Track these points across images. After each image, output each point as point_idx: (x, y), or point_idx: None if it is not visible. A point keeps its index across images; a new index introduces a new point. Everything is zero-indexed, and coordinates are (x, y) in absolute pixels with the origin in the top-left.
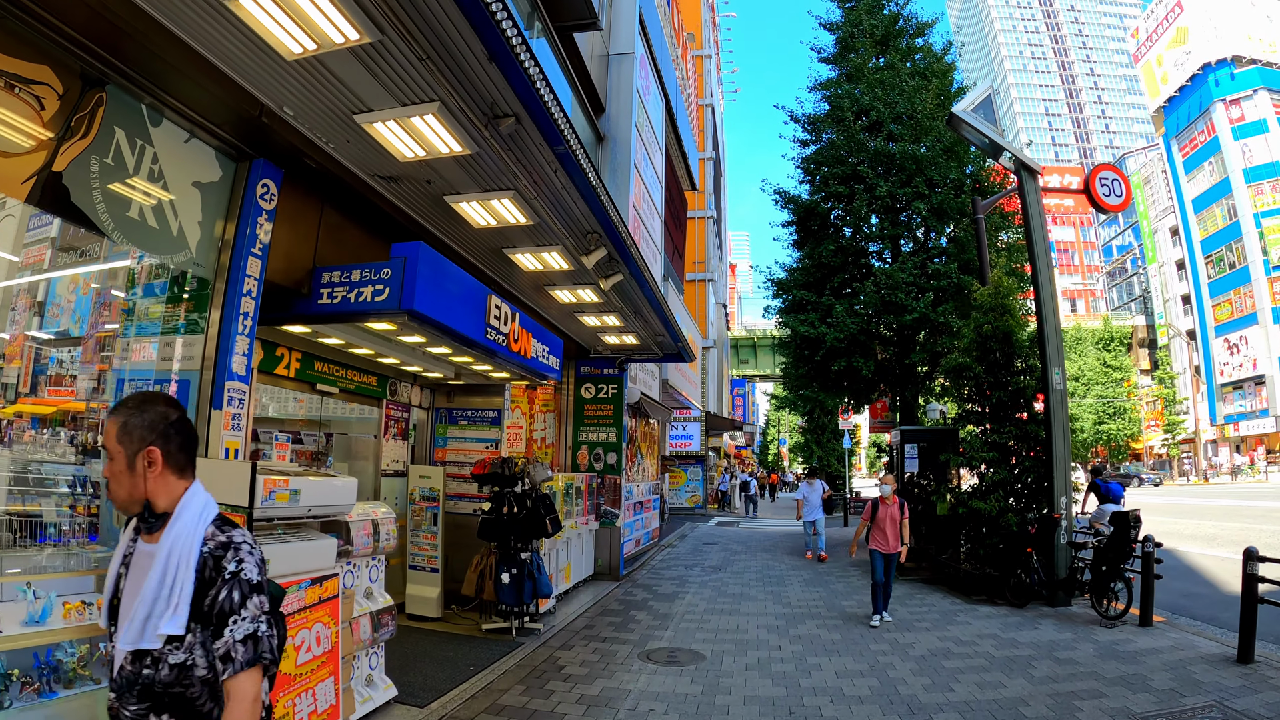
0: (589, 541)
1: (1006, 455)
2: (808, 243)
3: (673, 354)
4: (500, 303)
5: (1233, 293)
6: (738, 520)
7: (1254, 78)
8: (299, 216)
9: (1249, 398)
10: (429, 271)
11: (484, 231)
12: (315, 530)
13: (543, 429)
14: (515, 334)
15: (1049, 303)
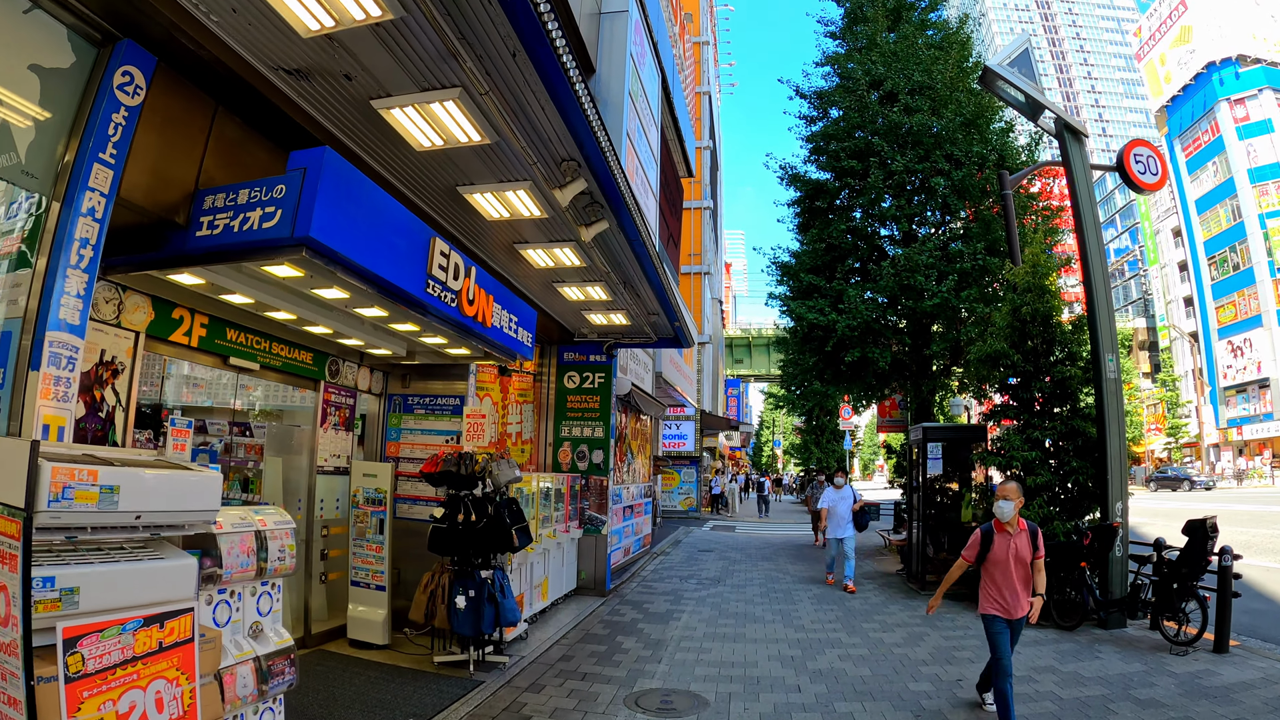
0: (571, 552)
1: (1049, 455)
2: (815, 224)
3: (669, 338)
4: (449, 250)
5: (1237, 294)
6: (734, 524)
7: (1259, 77)
8: (180, 123)
9: (1253, 401)
10: (336, 188)
11: (430, 158)
12: (174, 547)
13: (518, 422)
14: (470, 293)
15: (1099, 281)
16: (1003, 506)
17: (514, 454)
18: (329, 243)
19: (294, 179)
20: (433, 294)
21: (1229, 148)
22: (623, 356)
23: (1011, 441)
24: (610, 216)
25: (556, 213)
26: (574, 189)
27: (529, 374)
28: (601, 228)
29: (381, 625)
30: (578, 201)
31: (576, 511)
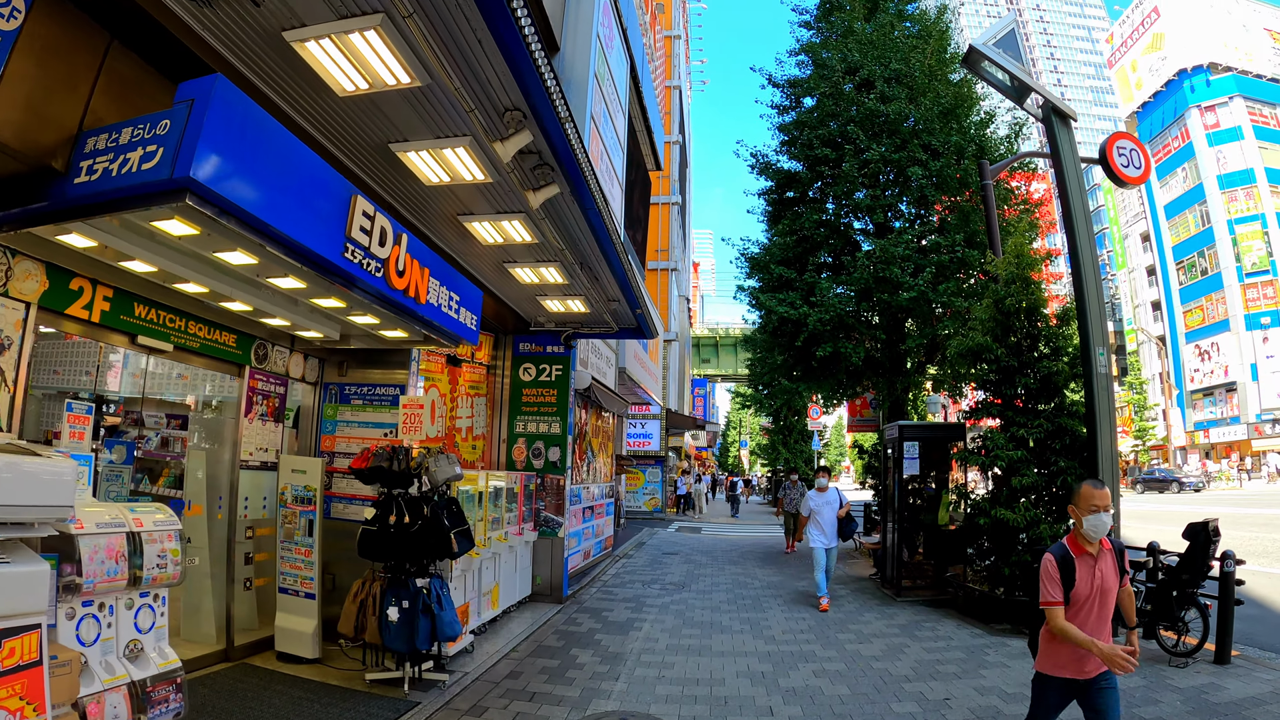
0: (525, 556)
1: (1035, 454)
2: (786, 215)
3: (631, 328)
4: (374, 211)
5: (1204, 299)
6: (700, 526)
7: (1230, 85)
8: (65, 54)
9: (1220, 404)
10: (229, 125)
11: (356, 107)
12: (29, 550)
13: (469, 416)
14: (400, 263)
15: (1089, 271)
16: (1096, 523)
17: (464, 450)
18: (218, 188)
19: (179, 112)
20: (353, 261)
21: (1199, 154)
22: (583, 349)
23: (995, 440)
24: (562, 180)
25: (501, 176)
26: (518, 141)
27: (481, 365)
28: (551, 193)
29: (311, 637)
30: (524, 161)
31: (531, 513)
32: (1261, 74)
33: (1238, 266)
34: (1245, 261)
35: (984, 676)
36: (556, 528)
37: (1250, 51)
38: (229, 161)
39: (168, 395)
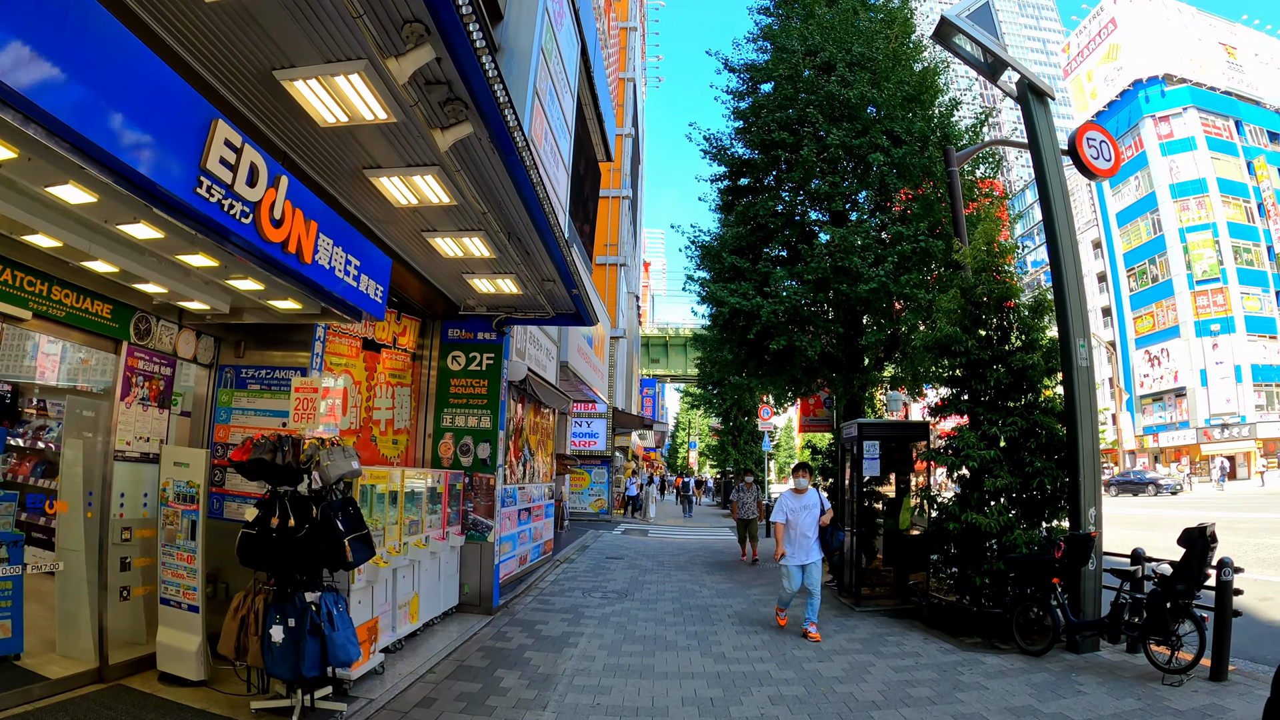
0: (450, 563)
1: (1007, 454)
2: (740, 203)
3: (568, 313)
4: (242, 143)
5: (1155, 306)
6: (647, 528)
7: (1184, 96)
8: None
9: (1169, 409)
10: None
11: (224, 13)
12: None
13: (390, 408)
14: (277, 211)
15: (1069, 257)
16: None
17: (383, 445)
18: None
19: None
20: (210, 200)
21: (1152, 163)
22: (521, 340)
23: (965, 439)
24: (475, 118)
25: (404, 112)
26: (416, 58)
27: (405, 352)
28: (463, 132)
29: (195, 656)
30: (431, 94)
31: (458, 515)
32: (1215, 86)
33: (1188, 274)
34: (1196, 269)
35: (962, 701)
36: (486, 531)
37: (1205, 64)
38: (33, 43)
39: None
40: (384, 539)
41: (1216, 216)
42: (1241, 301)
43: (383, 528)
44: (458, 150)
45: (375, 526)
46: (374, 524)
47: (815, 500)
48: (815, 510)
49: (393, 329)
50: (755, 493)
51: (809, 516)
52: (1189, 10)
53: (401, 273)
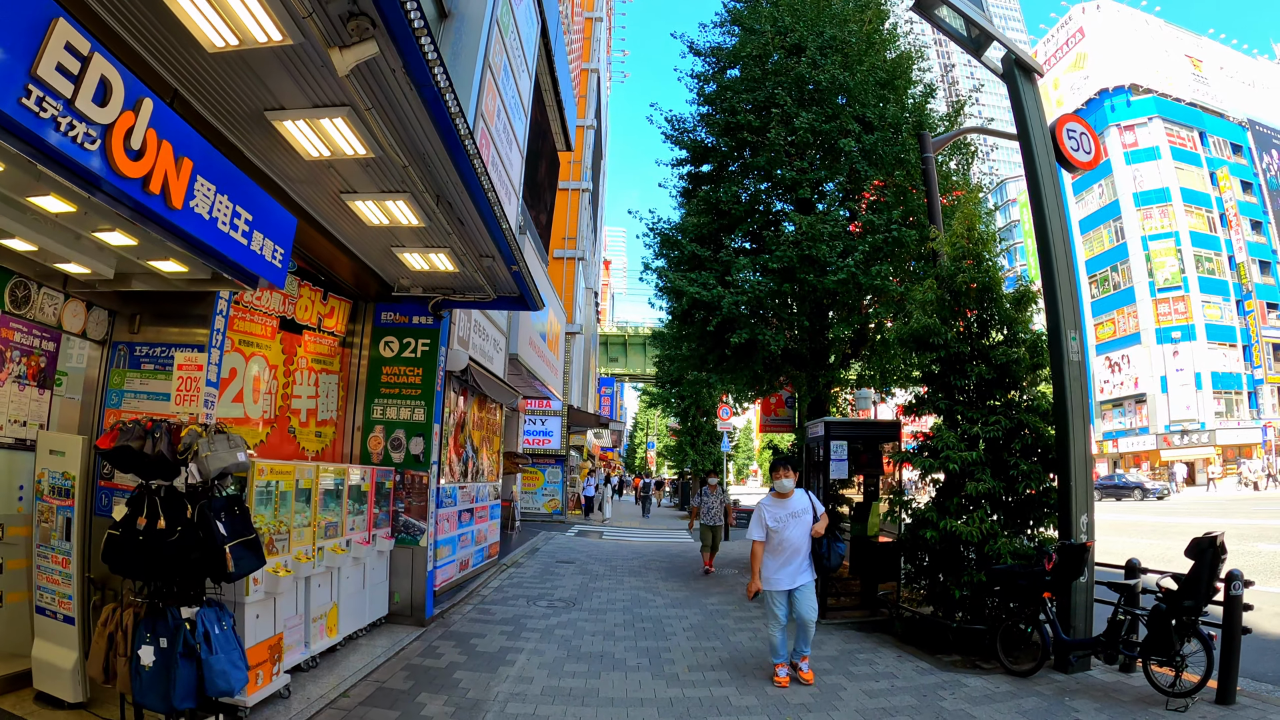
0: (378, 569)
1: (989, 455)
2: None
3: (511, 296)
4: (91, 51)
5: (1116, 312)
6: (601, 530)
7: (1150, 106)
8: None
9: (1129, 415)
10: None
11: None
12: None
13: (313, 397)
14: (136, 141)
15: (1058, 243)
16: None
17: (303, 438)
18: None
19: None
20: (42, 116)
21: (1116, 171)
22: (464, 327)
23: (944, 438)
24: (385, 38)
25: (297, 25)
26: None
27: (333, 335)
28: (367, 52)
29: (71, 675)
30: (330, 6)
31: (388, 516)
32: (1180, 97)
33: (1150, 282)
34: (1158, 277)
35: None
36: (418, 535)
37: (1170, 76)
38: None
39: None
40: (290, 543)
41: (1179, 225)
42: (1203, 310)
43: (289, 530)
44: (367, 83)
45: (280, 529)
46: (279, 526)
47: (805, 504)
48: (807, 517)
49: (318, 309)
50: (721, 496)
51: (799, 526)
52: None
53: (327, 247)
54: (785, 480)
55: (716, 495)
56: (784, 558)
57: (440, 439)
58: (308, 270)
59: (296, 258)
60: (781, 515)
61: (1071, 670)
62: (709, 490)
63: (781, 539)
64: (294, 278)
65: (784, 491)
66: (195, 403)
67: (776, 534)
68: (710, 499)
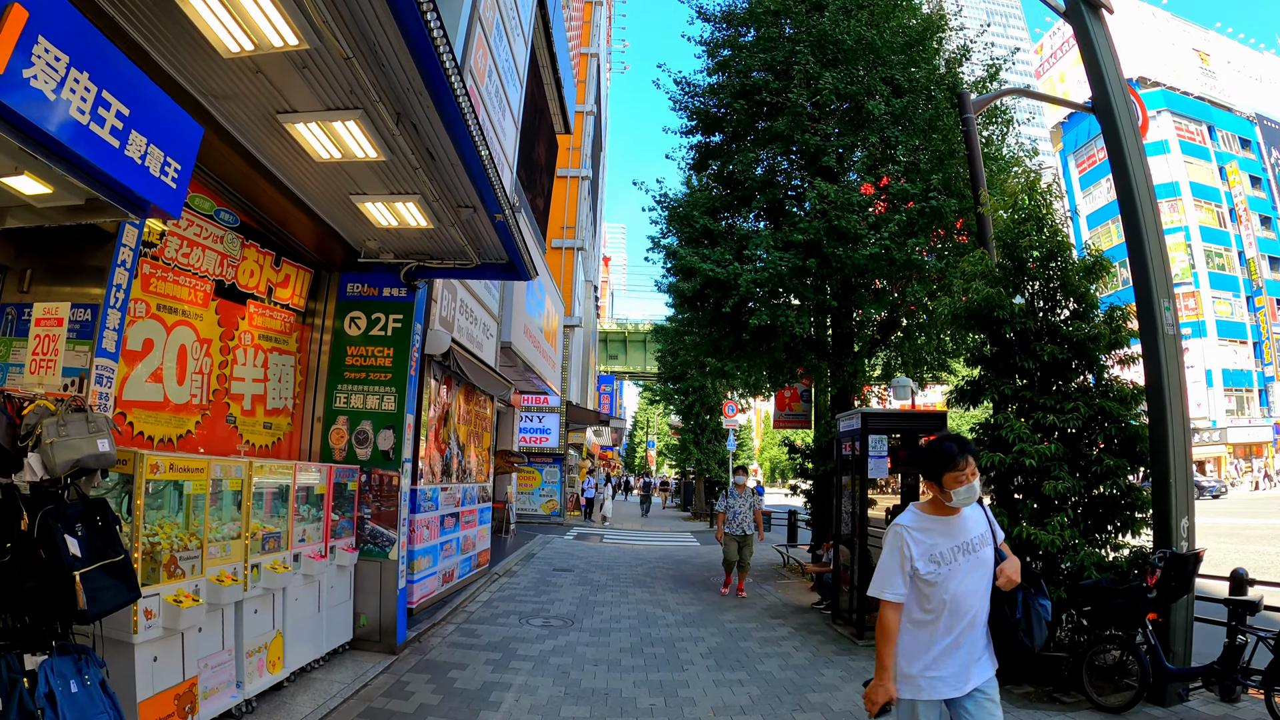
0: (340, 587)
1: (1071, 450)
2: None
3: (498, 263)
4: None
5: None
6: (602, 532)
7: (1158, 100)
8: None
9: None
10: None
11: None
12: None
13: (261, 380)
14: None
15: (1145, 200)
16: None
17: (248, 429)
18: None
19: None
20: None
21: None
22: (448, 307)
23: (1015, 429)
24: None
25: None
26: None
27: (290, 310)
28: None
29: None
30: None
31: (352, 524)
32: (1189, 91)
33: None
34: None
35: None
36: (387, 546)
37: (1178, 69)
38: None
39: None
40: (205, 562)
41: (1189, 220)
42: (1213, 306)
43: (202, 545)
44: None
45: (189, 544)
46: (187, 540)
47: (984, 528)
48: (987, 553)
49: (267, 276)
50: (752, 499)
51: (976, 571)
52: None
53: (276, 199)
54: (967, 484)
55: (745, 498)
56: (947, 634)
57: (416, 432)
58: (255, 230)
59: (239, 211)
60: (943, 550)
61: (1169, 702)
62: (736, 491)
63: (945, 596)
64: (236, 236)
65: (959, 502)
66: (52, 372)
67: (935, 588)
68: (738, 502)
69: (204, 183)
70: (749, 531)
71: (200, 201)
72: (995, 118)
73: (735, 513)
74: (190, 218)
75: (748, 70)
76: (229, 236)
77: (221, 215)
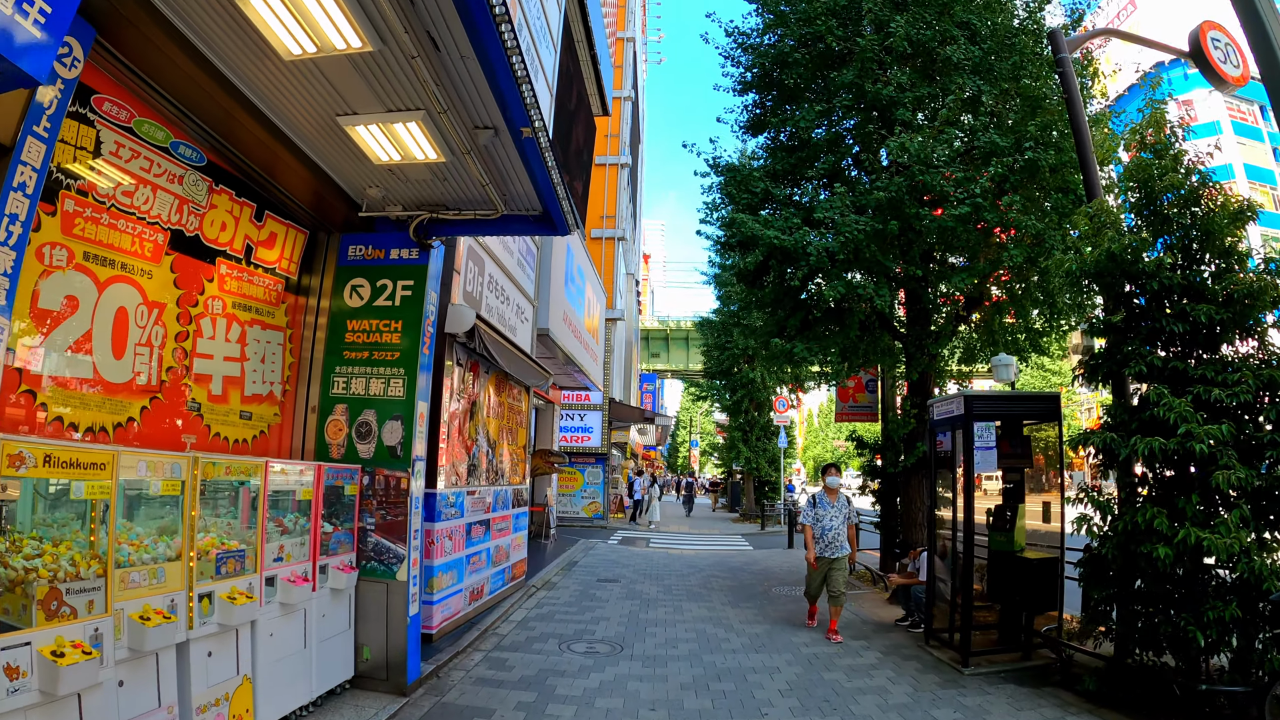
0: (336, 615)
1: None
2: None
3: (530, 214)
4: None
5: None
6: (648, 536)
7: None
8: None
9: None
10: None
11: None
12: None
13: (238, 359)
14: None
15: None
16: None
17: (216, 418)
18: None
19: None
20: None
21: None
22: (474, 281)
23: (1175, 407)
24: None
25: None
26: None
27: (273, 273)
28: None
29: None
30: None
31: (350, 536)
32: None
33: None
34: None
35: None
36: (394, 564)
37: None
38: None
39: None
40: (109, 595)
41: None
42: None
43: (106, 574)
44: None
45: (80, 571)
46: (83, 564)
47: None
48: None
49: (245, 230)
50: (846, 509)
51: None
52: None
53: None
54: None
55: (839, 507)
56: None
57: (433, 425)
58: (230, 174)
59: (206, 148)
60: None
61: None
62: (826, 498)
63: None
64: (202, 178)
65: None
66: None
67: None
68: (830, 513)
69: (156, 106)
70: (843, 551)
71: (150, 129)
72: (1082, 71)
73: (825, 528)
74: (135, 147)
75: (809, 17)
76: (192, 178)
77: (181, 150)
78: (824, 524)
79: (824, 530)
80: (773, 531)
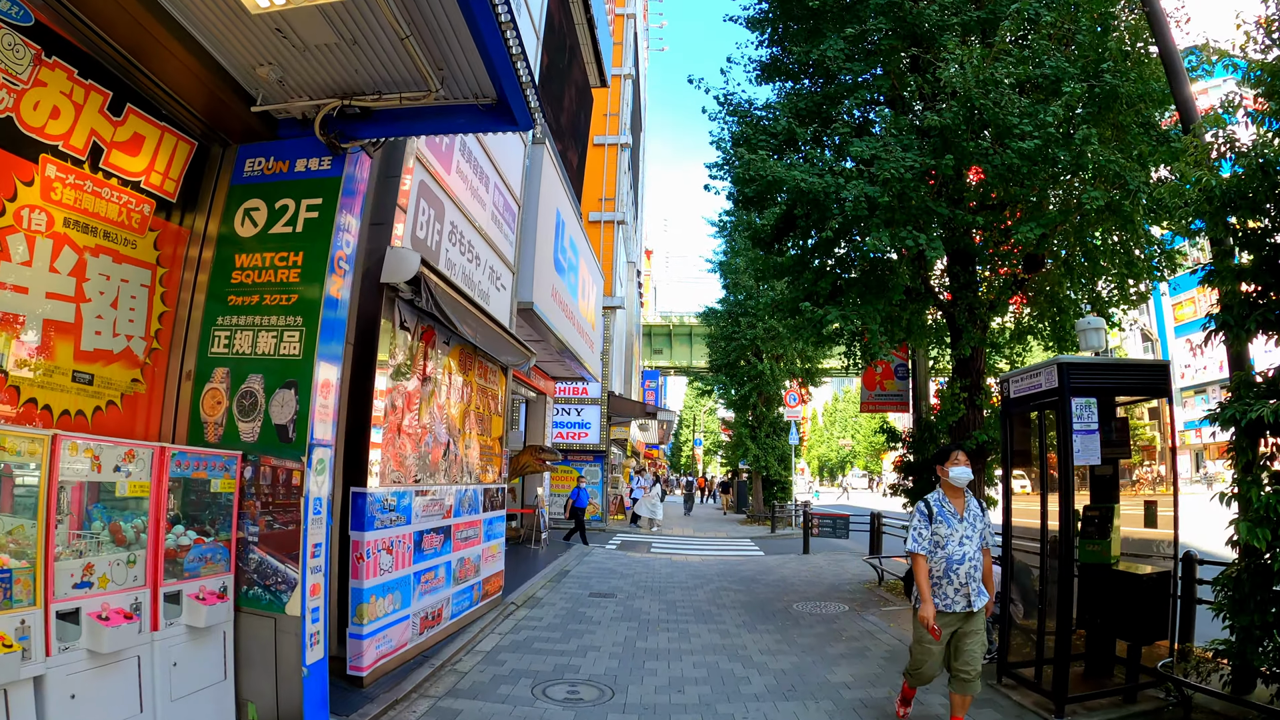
0: (201, 663)
1: None
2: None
3: (476, 100)
4: None
5: (1196, 290)
6: (650, 540)
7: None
8: None
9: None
10: None
11: None
12: None
13: (66, 299)
14: None
15: None
16: None
17: (36, 381)
18: None
19: None
20: None
21: None
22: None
23: None
24: None
25: None
26: None
27: (141, 192)
28: None
29: None
30: None
31: (226, 550)
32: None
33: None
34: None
35: None
36: (282, 591)
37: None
38: None
39: None
40: None
41: None
42: None
43: None
44: None
45: None
46: None
47: None
48: None
49: (92, 123)
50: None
51: None
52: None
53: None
54: None
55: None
56: None
57: (356, 401)
58: (77, 49)
59: (38, 7)
60: None
61: None
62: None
63: None
64: (25, 43)
65: None
66: None
67: None
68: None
69: None
70: (981, 601)
71: None
72: None
73: (953, 559)
74: None
75: None
76: (8, 39)
77: None
78: (949, 552)
79: (950, 563)
80: (784, 534)
